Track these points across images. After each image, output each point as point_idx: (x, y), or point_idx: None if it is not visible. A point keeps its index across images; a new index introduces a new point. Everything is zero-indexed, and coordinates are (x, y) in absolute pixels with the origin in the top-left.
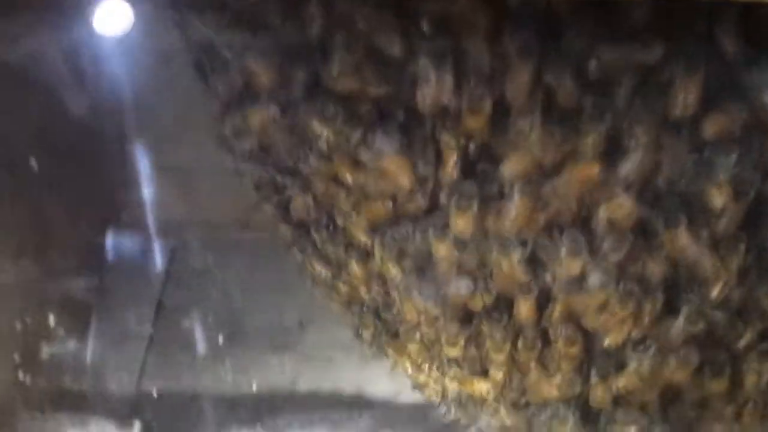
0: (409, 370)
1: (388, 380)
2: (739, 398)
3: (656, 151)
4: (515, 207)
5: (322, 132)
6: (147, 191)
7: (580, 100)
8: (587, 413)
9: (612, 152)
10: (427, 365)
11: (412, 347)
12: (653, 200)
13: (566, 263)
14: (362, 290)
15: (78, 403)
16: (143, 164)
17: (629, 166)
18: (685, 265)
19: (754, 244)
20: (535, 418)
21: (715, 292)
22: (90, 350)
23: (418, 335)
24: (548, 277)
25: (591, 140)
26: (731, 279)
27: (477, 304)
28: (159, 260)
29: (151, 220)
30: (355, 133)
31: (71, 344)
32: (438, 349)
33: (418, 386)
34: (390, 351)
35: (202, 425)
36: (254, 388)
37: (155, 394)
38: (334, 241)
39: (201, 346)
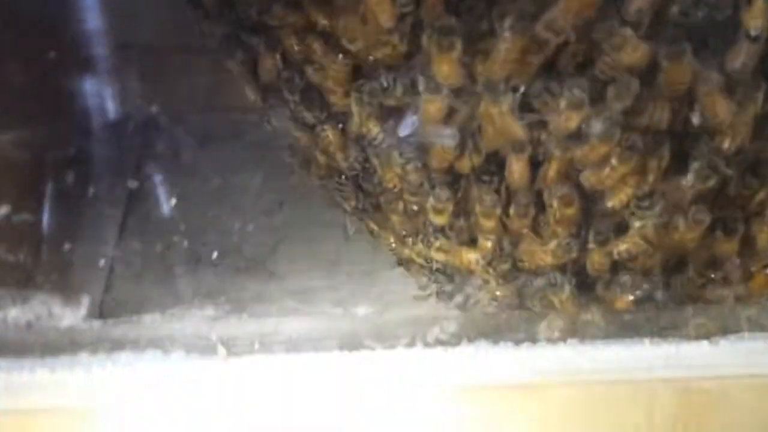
0: (393, 245)
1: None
2: (750, 260)
3: None
4: (505, 45)
5: None
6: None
7: None
8: (584, 280)
9: None
10: (411, 238)
11: (395, 218)
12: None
13: (566, 115)
14: (340, 158)
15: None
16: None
17: None
18: (695, 111)
19: None
20: (526, 288)
21: (727, 142)
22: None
23: (401, 205)
24: (543, 132)
25: None
26: (746, 128)
27: (464, 165)
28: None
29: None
30: None
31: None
32: (422, 219)
33: (402, 262)
34: (372, 225)
35: (159, 299)
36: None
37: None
38: (308, 103)
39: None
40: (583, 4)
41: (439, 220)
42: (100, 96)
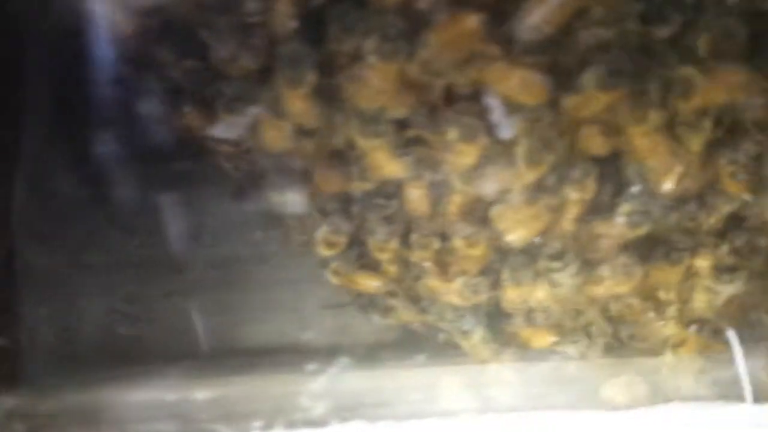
0: None
1: None
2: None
3: None
4: (372, 74)
5: None
6: None
7: None
8: (498, 320)
9: None
10: None
11: None
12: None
13: (457, 149)
14: None
15: None
16: None
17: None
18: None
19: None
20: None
21: (667, 183)
22: None
23: None
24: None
25: None
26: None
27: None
28: None
29: None
30: None
31: None
32: None
33: None
34: None
35: None
36: None
37: None
38: None
39: None
40: (456, 39)
41: (328, 252)
42: None
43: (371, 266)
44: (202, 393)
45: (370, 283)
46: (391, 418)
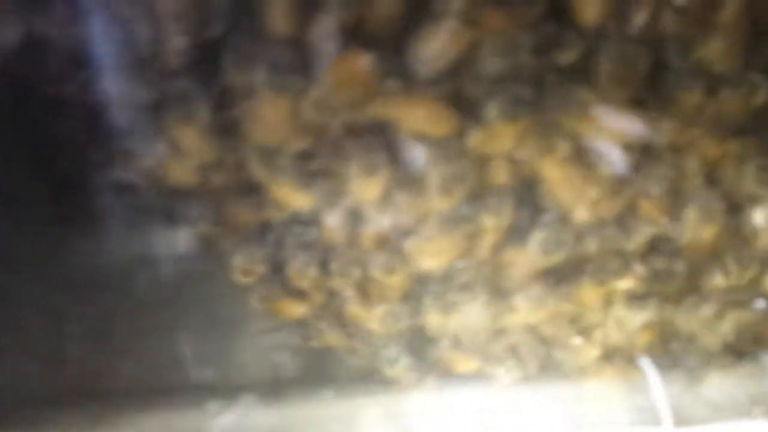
0: None
1: None
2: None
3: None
4: (265, 108)
5: None
6: None
7: None
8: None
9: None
10: None
11: None
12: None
13: (361, 184)
14: None
15: None
16: None
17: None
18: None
19: None
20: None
21: (581, 212)
22: None
23: None
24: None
25: None
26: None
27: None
28: None
29: None
30: None
31: None
32: None
33: None
34: None
35: None
36: None
37: None
38: None
39: None
40: (348, 78)
41: (246, 280)
42: None
43: (297, 293)
44: None
45: (296, 309)
46: None
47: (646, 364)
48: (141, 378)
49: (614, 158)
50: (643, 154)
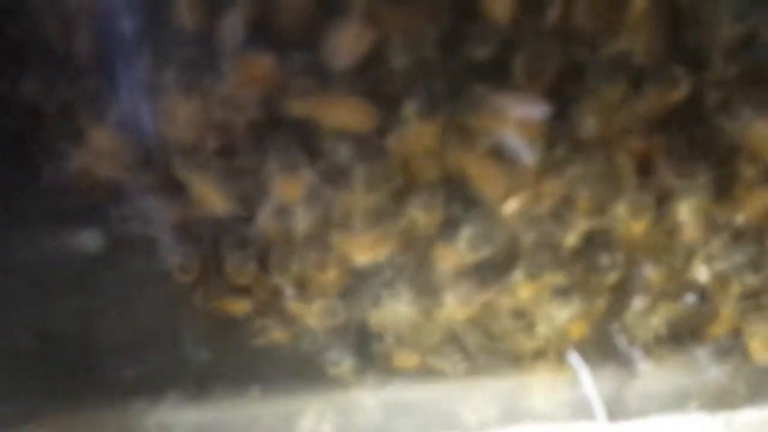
0: None
1: None
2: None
3: None
4: (175, 107)
5: None
6: None
7: None
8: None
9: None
10: None
11: None
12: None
13: (282, 182)
14: None
15: None
16: None
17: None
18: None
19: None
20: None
21: (506, 208)
22: None
23: None
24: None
25: None
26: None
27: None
28: None
29: None
30: None
31: None
32: None
33: None
34: None
35: None
36: None
37: None
38: None
39: None
40: (254, 78)
41: (185, 278)
42: None
43: (239, 289)
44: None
45: (238, 306)
46: None
47: (576, 358)
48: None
49: (532, 153)
50: (569, 148)
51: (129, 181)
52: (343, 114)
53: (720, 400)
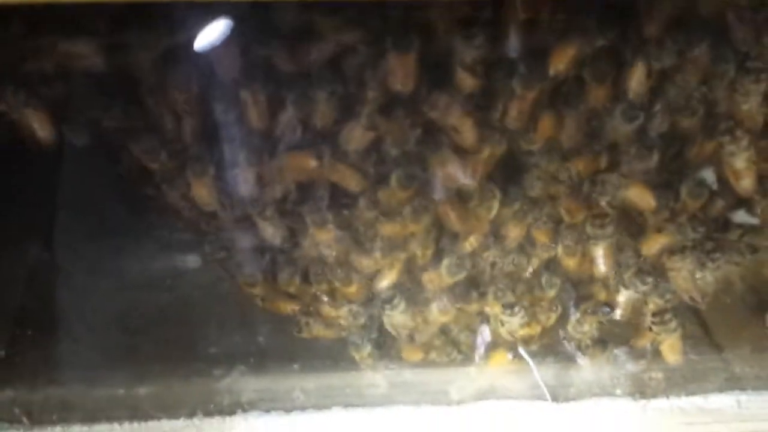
0: None
1: None
2: None
3: None
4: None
5: None
6: None
7: None
8: (383, 339)
9: None
10: None
11: None
12: None
13: (315, 232)
14: None
15: None
16: None
17: None
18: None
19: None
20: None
21: (467, 244)
22: None
23: None
24: None
25: None
26: (485, 229)
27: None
28: None
29: None
30: None
31: None
32: None
33: None
34: None
35: None
36: None
37: None
38: None
39: None
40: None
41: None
42: None
43: (289, 296)
44: None
45: (288, 307)
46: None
47: (526, 352)
48: None
49: (492, 201)
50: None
51: (218, 220)
52: (349, 180)
53: (639, 390)
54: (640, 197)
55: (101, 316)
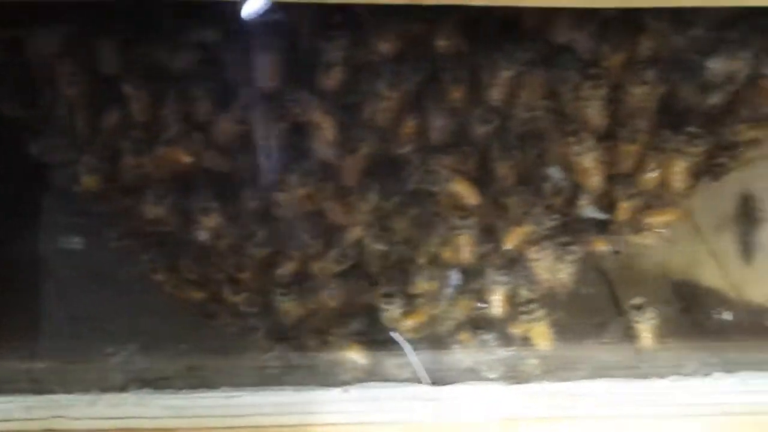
0: None
1: None
2: None
3: None
4: None
5: None
6: None
7: None
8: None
9: None
10: None
11: None
12: None
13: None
14: None
15: None
16: None
17: None
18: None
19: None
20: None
21: (349, 236)
22: None
23: None
24: None
25: None
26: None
27: None
28: None
29: None
30: None
31: None
32: None
33: None
34: None
35: None
36: None
37: None
38: None
39: None
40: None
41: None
42: None
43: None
44: None
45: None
46: None
47: (400, 338)
48: None
49: None
50: None
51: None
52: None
53: (512, 375)
54: (466, 191)
55: None
